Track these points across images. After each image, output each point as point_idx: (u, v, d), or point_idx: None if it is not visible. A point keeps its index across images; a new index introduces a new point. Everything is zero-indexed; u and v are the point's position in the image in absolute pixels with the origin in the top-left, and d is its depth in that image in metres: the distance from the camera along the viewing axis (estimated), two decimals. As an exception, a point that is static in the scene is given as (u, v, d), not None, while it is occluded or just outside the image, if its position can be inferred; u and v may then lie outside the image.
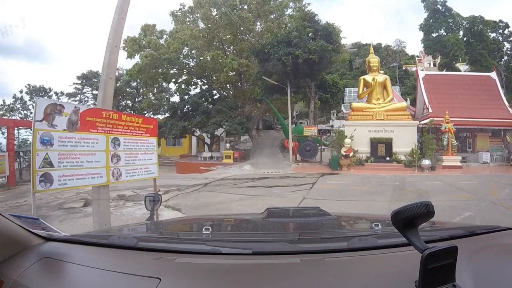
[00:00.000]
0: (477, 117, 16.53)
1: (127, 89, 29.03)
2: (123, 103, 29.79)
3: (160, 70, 22.55)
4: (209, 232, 1.13)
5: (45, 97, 27.44)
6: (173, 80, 24.88)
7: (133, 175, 3.85)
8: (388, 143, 15.72)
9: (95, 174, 3.26)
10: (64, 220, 5.57)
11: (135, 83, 27.73)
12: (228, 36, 22.07)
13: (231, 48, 23.52)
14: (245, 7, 21.22)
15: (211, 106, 22.21)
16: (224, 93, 24.56)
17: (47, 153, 2.80)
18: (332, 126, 28.73)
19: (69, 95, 30.02)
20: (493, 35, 27.45)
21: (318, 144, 17.43)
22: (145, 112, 26.26)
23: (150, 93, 26.33)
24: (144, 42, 21.61)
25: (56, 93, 30.80)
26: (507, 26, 27.23)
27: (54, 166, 2.85)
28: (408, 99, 25.58)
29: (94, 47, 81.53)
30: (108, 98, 3.64)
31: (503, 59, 27.54)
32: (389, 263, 0.82)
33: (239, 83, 23.79)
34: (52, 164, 2.82)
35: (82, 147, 3.13)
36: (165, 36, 23.03)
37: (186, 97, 23.64)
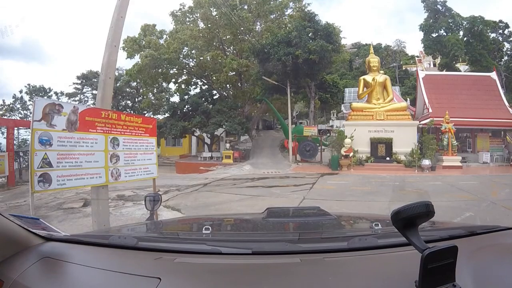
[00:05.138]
0: (477, 117, 16.51)
1: (127, 89, 29.08)
2: (123, 103, 29.83)
3: (160, 70, 22.56)
4: (209, 232, 1.13)
5: (45, 97, 27.42)
6: (173, 80, 24.89)
7: (132, 175, 3.83)
8: (388, 143, 15.71)
9: (94, 174, 3.25)
10: (63, 220, 5.55)
11: (135, 83, 27.78)
12: (228, 36, 22.08)
13: (231, 48, 23.52)
14: (245, 7, 21.20)
15: (211, 106, 22.20)
16: (224, 93, 24.55)
17: (45, 153, 2.79)
18: (332, 126, 28.74)
19: (69, 95, 30.10)
20: (493, 35, 27.42)
21: (318, 144, 17.42)
22: (145, 112, 26.28)
23: (150, 93, 26.35)
24: (144, 42, 21.61)
25: (56, 93, 30.89)
26: (507, 26, 27.20)
27: (53, 166, 2.84)
28: (408, 99, 25.57)
29: (94, 47, 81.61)
30: (107, 98, 3.62)
31: (503, 59, 27.50)
32: (389, 263, 0.82)
33: (239, 83, 23.78)
34: (51, 164, 2.81)
35: (81, 147, 3.12)
36: (165, 36, 23.05)
37: (186, 97, 23.62)
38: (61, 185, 2.92)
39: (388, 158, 15.48)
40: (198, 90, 25.31)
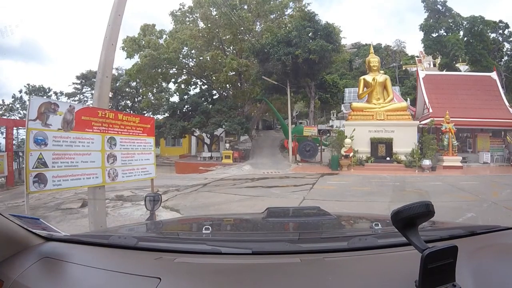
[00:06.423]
0: (478, 117, 16.50)
1: (127, 89, 29.05)
2: (123, 103, 29.81)
3: (159, 70, 22.55)
4: (209, 232, 1.14)
5: (44, 97, 27.37)
6: (173, 80, 24.89)
7: (130, 175, 3.79)
8: (388, 143, 15.67)
9: (91, 174, 3.20)
10: (61, 221, 5.50)
11: (134, 83, 27.75)
12: (227, 36, 22.07)
13: (231, 48, 23.52)
14: (245, 7, 21.20)
15: (210, 106, 22.18)
16: (224, 93, 24.53)
17: (41, 153, 2.74)
18: (332, 126, 28.69)
19: (69, 95, 30.12)
20: (493, 35, 27.38)
21: (318, 144, 17.38)
22: (145, 112, 26.27)
23: (149, 93, 26.33)
24: (143, 42, 21.61)
25: (55, 93, 30.91)
26: (507, 26, 27.16)
27: (48, 166, 2.79)
28: (408, 99, 25.53)
29: (93, 46, 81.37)
30: (104, 97, 3.58)
31: (503, 59, 27.46)
32: (389, 263, 0.82)
33: (239, 83, 23.76)
34: (46, 164, 2.77)
35: (77, 147, 3.07)
36: (164, 36, 23.05)
37: (185, 97, 23.61)
38: (56, 186, 2.87)
39: (388, 158, 15.44)
40: (197, 90, 25.36)
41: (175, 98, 26.28)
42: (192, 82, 25.62)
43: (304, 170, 14.76)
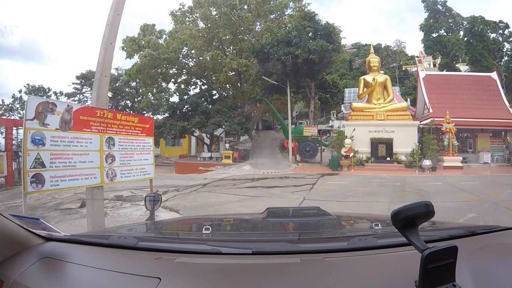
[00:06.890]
0: (478, 118, 16.49)
1: (126, 89, 29.07)
2: (123, 103, 29.83)
3: (159, 70, 22.56)
4: (209, 232, 1.14)
5: (44, 97, 27.36)
6: (173, 80, 24.89)
7: (129, 176, 3.76)
8: (388, 144, 15.64)
9: (89, 174, 3.18)
10: (60, 221, 5.47)
11: (134, 83, 27.76)
12: (227, 36, 22.07)
13: (231, 48, 23.51)
14: (245, 7, 21.19)
15: (210, 106, 22.16)
16: (224, 93, 24.52)
17: (38, 153, 2.72)
18: (332, 126, 28.68)
19: (68, 95, 30.18)
20: (493, 35, 27.39)
21: (318, 145, 17.37)
22: (145, 112, 26.29)
23: (149, 93, 26.33)
24: (143, 42, 21.63)
25: (55, 93, 30.92)
26: (507, 26, 27.19)
27: (46, 166, 2.77)
28: (408, 99, 25.53)
29: (93, 46, 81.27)
30: (103, 97, 3.55)
31: (503, 60, 27.47)
32: (389, 263, 0.82)
33: (239, 83, 23.76)
34: (43, 165, 2.74)
35: (75, 147, 3.05)
36: (164, 36, 23.07)
37: (185, 97, 23.61)
38: (54, 186, 2.85)
39: (388, 159, 15.41)
40: (197, 90, 25.37)
41: (175, 98, 26.35)
42: (192, 82, 25.62)
43: (304, 170, 14.73)
